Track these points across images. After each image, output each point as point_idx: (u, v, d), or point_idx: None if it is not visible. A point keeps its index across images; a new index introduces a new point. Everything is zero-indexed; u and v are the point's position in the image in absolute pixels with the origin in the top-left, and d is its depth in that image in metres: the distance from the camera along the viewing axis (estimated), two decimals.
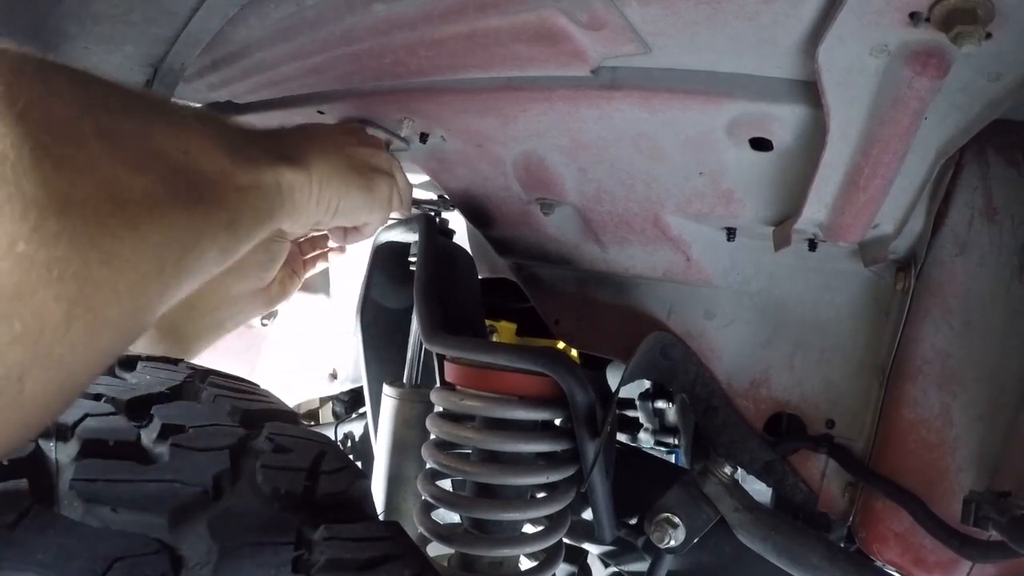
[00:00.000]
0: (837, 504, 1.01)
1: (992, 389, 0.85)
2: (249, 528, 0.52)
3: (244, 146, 0.60)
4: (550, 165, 0.99)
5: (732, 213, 0.93)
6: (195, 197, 0.48)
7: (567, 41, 0.72)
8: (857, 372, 0.99)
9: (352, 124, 0.93)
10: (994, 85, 0.61)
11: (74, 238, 0.36)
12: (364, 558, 0.56)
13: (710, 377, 1.08)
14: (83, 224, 0.37)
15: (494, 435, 0.95)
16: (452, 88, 0.91)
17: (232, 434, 0.64)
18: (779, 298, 1.04)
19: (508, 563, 0.97)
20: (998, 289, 0.85)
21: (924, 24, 0.55)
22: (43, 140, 0.36)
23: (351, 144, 0.86)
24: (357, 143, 0.88)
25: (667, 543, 0.99)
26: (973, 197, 0.85)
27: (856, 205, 0.76)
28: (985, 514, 0.75)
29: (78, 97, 0.41)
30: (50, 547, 0.44)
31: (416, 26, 0.79)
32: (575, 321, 1.26)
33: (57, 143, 0.37)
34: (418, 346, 1.31)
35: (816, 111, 0.70)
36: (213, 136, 0.55)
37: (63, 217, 0.35)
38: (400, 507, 1.22)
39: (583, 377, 0.92)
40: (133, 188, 0.41)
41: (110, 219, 0.39)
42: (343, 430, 1.98)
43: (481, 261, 1.41)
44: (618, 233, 1.07)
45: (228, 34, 0.94)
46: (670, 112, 0.79)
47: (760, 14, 0.62)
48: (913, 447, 0.90)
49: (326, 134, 0.84)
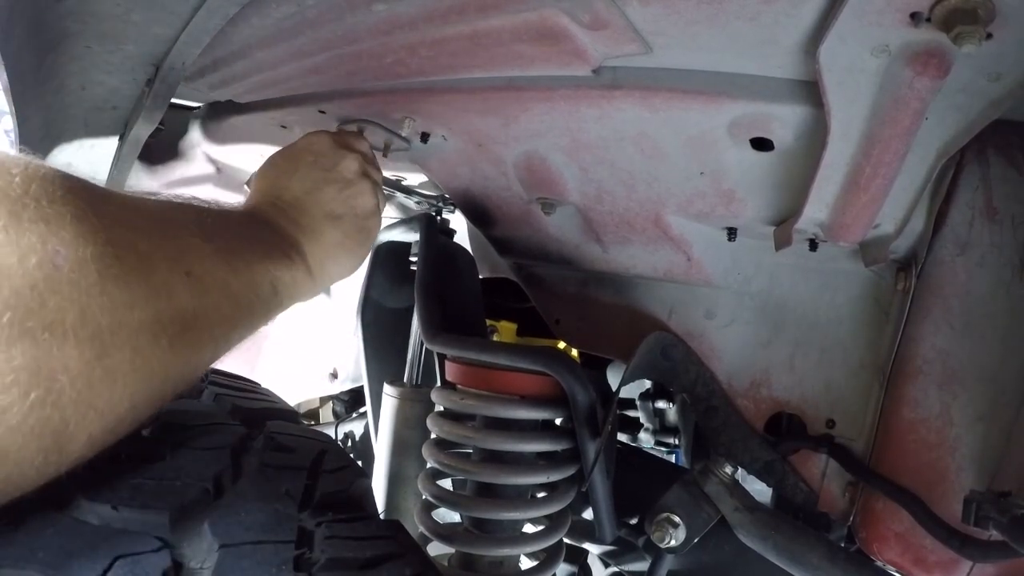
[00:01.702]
0: (837, 504, 1.01)
1: (992, 389, 0.85)
2: (250, 527, 0.52)
3: (239, 249, 0.62)
4: (551, 165, 0.99)
5: (733, 213, 0.93)
6: (191, 329, 0.52)
7: (568, 41, 0.72)
8: (857, 372, 0.99)
9: (325, 142, 0.88)
10: (994, 85, 0.61)
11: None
12: (365, 557, 0.56)
13: (711, 377, 1.08)
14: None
15: (495, 434, 0.95)
16: (453, 88, 0.91)
17: (233, 433, 0.64)
18: (780, 298, 1.04)
19: (508, 563, 0.97)
20: (998, 289, 0.85)
21: (925, 24, 0.55)
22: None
23: (337, 192, 0.84)
24: (341, 187, 0.85)
25: (667, 543, 0.99)
26: (974, 197, 0.85)
27: (857, 205, 0.76)
28: (985, 514, 0.75)
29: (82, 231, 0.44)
30: (51, 545, 0.44)
31: (417, 26, 0.79)
32: (576, 321, 1.26)
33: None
34: (419, 346, 1.31)
35: (817, 111, 0.70)
36: (210, 249, 0.57)
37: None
38: (401, 506, 1.22)
39: (584, 377, 0.92)
40: (129, 323, 0.45)
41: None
42: (343, 429, 1.98)
43: (482, 261, 1.41)
44: (619, 233, 1.07)
45: (229, 34, 0.94)
46: (671, 112, 0.79)
47: (761, 14, 0.62)
48: (913, 447, 0.90)
49: (315, 200, 0.82)
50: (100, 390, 0.43)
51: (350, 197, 0.86)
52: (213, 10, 0.85)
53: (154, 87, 1.02)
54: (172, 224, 0.56)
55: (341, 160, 0.87)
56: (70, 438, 0.42)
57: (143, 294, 0.47)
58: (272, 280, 0.66)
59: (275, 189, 0.82)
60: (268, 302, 0.66)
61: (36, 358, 0.39)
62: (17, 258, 0.38)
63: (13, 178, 0.41)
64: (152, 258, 0.49)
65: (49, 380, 0.40)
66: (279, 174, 0.84)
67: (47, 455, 0.41)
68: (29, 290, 0.39)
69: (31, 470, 0.41)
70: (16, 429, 0.38)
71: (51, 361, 0.40)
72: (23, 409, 0.38)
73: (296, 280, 0.71)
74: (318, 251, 0.78)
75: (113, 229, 0.46)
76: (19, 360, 0.38)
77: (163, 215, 0.57)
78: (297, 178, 0.83)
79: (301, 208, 0.80)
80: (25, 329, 0.38)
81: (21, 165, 0.42)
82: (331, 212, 0.83)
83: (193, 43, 0.93)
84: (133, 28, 0.91)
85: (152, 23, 0.90)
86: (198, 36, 0.91)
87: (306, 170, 0.84)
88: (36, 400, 0.39)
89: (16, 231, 0.39)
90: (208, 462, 0.57)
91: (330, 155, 0.87)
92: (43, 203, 0.41)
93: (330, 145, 0.88)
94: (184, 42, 0.93)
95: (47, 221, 0.41)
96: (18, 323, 0.38)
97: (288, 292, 0.70)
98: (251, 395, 0.79)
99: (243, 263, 0.61)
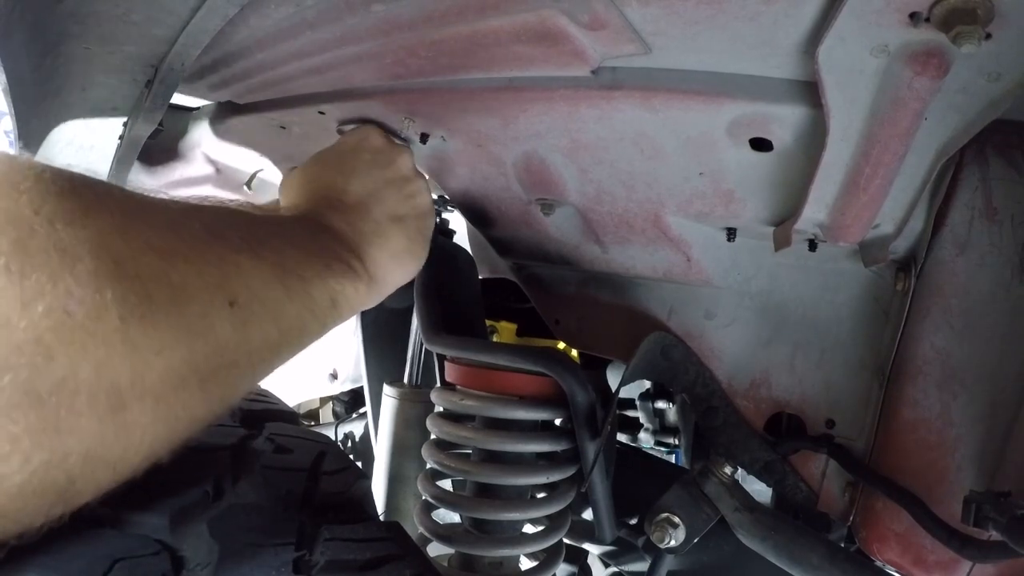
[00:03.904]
0: (837, 504, 1.01)
1: (992, 389, 0.85)
2: (250, 529, 0.52)
3: (295, 264, 0.54)
4: (550, 165, 0.99)
5: (733, 213, 0.93)
6: (230, 366, 0.46)
7: (567, 41, 0.72)
8: (857, 372, 0.99)
9: (379, 138, 0.83)
10: (994, 85, 0.61)
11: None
12: (365, 558, 0.56)
13: (710, 377, 1.08)
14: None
15: (494, 435, 0.95)
16: (452, 88, 0.91)
17: (233, 434, 0.64)
18: (779, 298, 1.04)
19: (508, 563, 0.98)
20: (998, 289, 0.85)
21: (924, 24, 0.55)
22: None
23: (398, 191, 0.77)
24: (401, 186, 0.78)
25: (667, 543, 0.99)
26: (973, 197, 0.85)
27: (856, 205, 0.76)
28: (985, 514, 0.75)
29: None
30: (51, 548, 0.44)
31: (416, 26, 0.79)
32: (575, 321, 1.26)
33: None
34: (418, 346, 1.31)
35: (816, 111, 0.70)
36: (260, 268, 0.49)
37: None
38: (400, 507, 1.22)
39: (583, 377, 0.92)
40: (153, 370, 0.40)
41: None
42: (343, 430, 1.99)
43: (481, 261, 1.41)
44: (618, 233, 1.07)
45: (228, 34, 0.94)
46: (670, 112, 0.79)
47: (761, 14, 0.62)
48: (913, 447, 0.90)
49: (378, 201, 0.74)
50: (113, 446, 0.38)
51: (410, 196, 0.80)
52: (212, 11, 0.85)
53: (153, 88, 1.02)
54: (216, 241, 0.48)
55: (398, 157, 0.82)
56: (76, 493, 0.38)
57: (173, 337, 0.40)
58: (332, 295, 0.59)
59: (332, 191, 0.74)
60: (324, 318, 0.59)
61: (41, 422, 0.33)
62: (20, 305, 0.32)
63: (21, 195, 0.34)
64: (188, 289, 0.42)
65: (55, 443, 0.34)
66: (335, 174, 0.76)
67: (50, 509, 0.37)
68: (34, 344, 0.33)
69: (32, 524, 0.37)
70: (16, 495, 0.34)
71: (58, 423, 0.34)
72: (24, 476, 0.34)
73: (359, 292, 0.65)
74: (383, 257, 0.71)
75: (144, 257, 0.39)
76: (21, 425, 0.33)
77: (207, 228, 0.48)
78: (357, 178, 0.76)
79: (364, 210, 0.73)
80: (28, 391, 0.33)
81: (32, 176, 0.36)
82: (395, 213, 0.76)
83: (192, 44, 0.93)
84: (133, 29, 0.91)
85: (151, 24, 0.90)
86: (197, 37, 0.91)
87: (366, 169, 0.77)
88: (39, 465, 0.34)
89: (21, 268, 0.32)
90: (208, 464, 0.57)
91: (387, 152, 0.81)
92: (57, 227, 0.35)
93: (385, 142, 0.82)
94: (183, 43, 0.93)
95: (62, 251, 0.34)
96: (21, 385, 0.32)
97: (349, 305, 0.63)
98: (251, 396, 0.79)
99: (299, 280, 0.54)
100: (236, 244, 0.49)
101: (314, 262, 0.58)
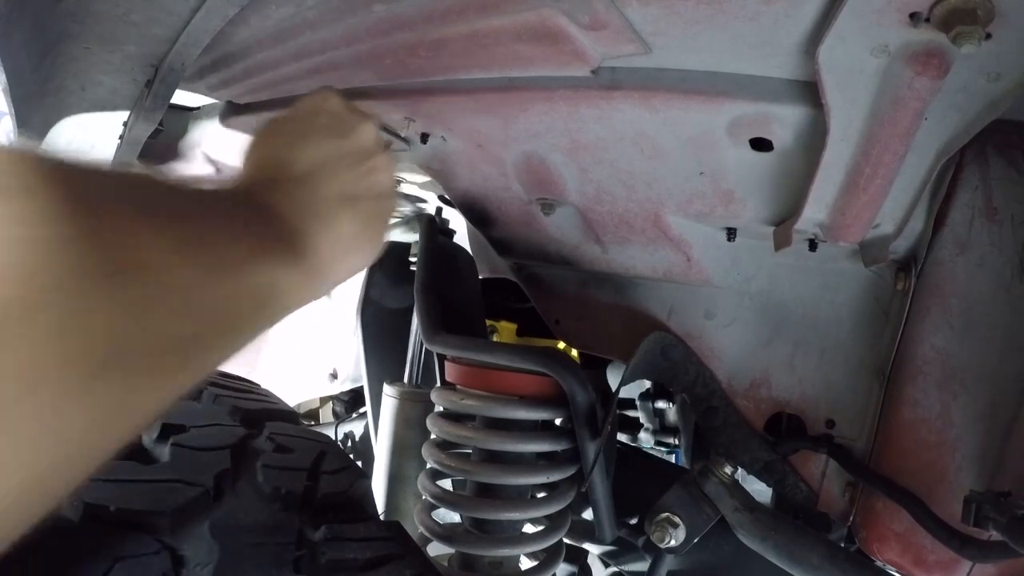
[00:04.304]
0: (837, 504, 1.01)
1: (992, 389, 0.85)
2: (250, 528, 0.52)
3: (217, 243, 0.45)
4: (551, 165, 0.99)
5: (733, 213, 0.93)
6: (125, 359, 0.35)
7: (568, 41, 0.72)
8: (857, 372, 0.99)
9: (338, 101, 0.71)
10: (994, 85, 0.61)
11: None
12: (365, 558, 0.56)
13: (710, 377, 1.08)
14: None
15: (495, 435, 0.95)
16: (453, 88, 0.91)
17: (233, 434, 0.64)
18: (779, 298, 1.04)
19: (508, 563, 0.98)
20: (998, 289, 0.85)
21: (924, 24, 0.55)
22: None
23: (354, 165, 0.66)
24: (359, 159, 0.67)
25: (667, 543, 0.99)
26: (973, 197, 0.85)
27: (856, 205, 0.76)
28: (985, 514, 0.75)
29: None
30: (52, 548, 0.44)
31: (416, 26, 0.79)
32: (575, 321, 1.26)
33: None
34: (418, 346, 1.31)
35: (816, 111, 0.70)
36: (168, 244, 0.39)
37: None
38: (401, 507, 1.22)
39: (583, 377, 0.92)
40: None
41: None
42: (343, 430, 1.99)
43: (481, 261, 1.41)
44: (619, 233, 1.07)
45: (228, 35, 0.94)
46: (670, 112, 0.79)
47: (761, 15, 0.62)
48: (913, 447, 0.90)
49: (330, 175, 0.63)
50: None
51: (368, 172, 0.68)
52: (212, 11, 0.85)
53: (153, 88, 1.02)
54: (113, 208, 0.37)
55: (359, 124, 0.70)
56: None
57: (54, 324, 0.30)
58: (270, 283, 0.51)
59: (277, 161, 0.63)
60: (262, 311, 0.50)
61: None
62: None
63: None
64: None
65: None
66: (283, 141, 0.65)
67: None
68: None
69: None
70: None
71: None
72: None
73: (294, 281, 0.55)
74: (330, 242, 0.60)
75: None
76: None
77: (102, 189, 0.38)
78: (307, 147, 0.65)
79: (312, 186, 0.62)
80: None
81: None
82: (348, 192, 0.65)
83: (192, 44, 0.93)
84: (133, 29, 0.91)
85: (151, 24, 0.90)
86: (197, 37, 0.91)
87: (319, 137, 0.66)
88: None
89: None
90: (208, 463, 0.57)
91: (346, 118, 0.70)
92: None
93: (344, 105, 0.71)
94: (183, 43, 0.93)
95: None
96: None
97: (292, 296, 0.54)
98: (251, 396, 0.79)
99: (217, 262, 0.45)
100: (130, 211, 0.39)
101: (244, 243, 0.49)
